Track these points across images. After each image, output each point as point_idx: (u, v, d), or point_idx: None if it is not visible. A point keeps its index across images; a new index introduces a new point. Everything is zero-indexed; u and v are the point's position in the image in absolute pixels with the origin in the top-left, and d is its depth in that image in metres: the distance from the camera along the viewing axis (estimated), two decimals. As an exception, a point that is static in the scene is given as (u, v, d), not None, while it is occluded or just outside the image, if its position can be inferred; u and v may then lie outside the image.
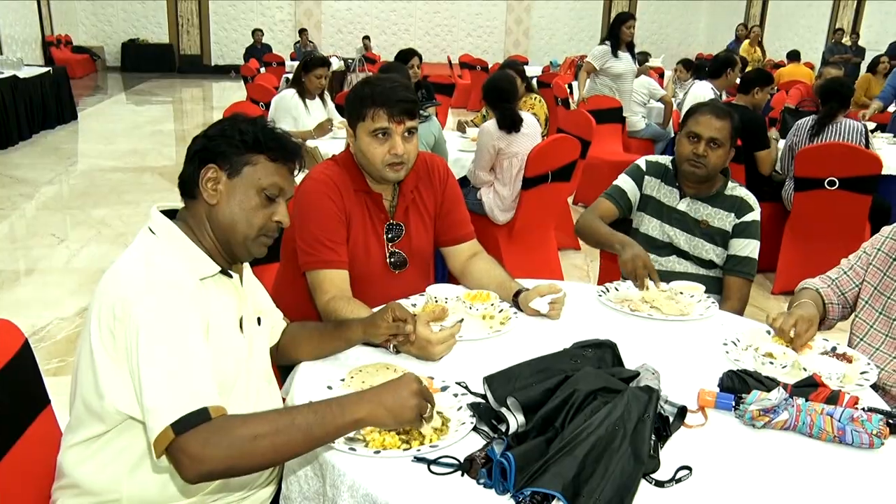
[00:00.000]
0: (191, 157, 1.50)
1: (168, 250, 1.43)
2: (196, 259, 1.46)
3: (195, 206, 1.51)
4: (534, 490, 1.19)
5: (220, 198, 1.48)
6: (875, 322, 1.99)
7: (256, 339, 1.59)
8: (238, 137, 1.48)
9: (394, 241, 2.18)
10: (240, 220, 1.49)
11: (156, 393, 1.25)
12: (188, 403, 1.24)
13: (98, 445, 1.42)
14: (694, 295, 2.21)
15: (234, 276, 1.53)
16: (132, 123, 10.61)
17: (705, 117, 2.50)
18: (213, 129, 1.51)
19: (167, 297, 1.33)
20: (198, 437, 1.22)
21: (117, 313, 1.31)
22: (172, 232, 1.47)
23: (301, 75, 5.20)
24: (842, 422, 1.44)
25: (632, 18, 6.40)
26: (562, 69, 13.07)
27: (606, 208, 2.69)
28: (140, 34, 17.79)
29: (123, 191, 6.71)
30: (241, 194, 1.48)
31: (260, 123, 1.52)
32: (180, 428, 1.22)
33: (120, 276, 1.37)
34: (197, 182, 1.48)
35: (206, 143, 1.49)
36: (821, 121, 4.53)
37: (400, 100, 1.99)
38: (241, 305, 1.54)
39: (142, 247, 1.44)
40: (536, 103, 5.11)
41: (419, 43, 18.24)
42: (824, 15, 15.61)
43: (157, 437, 1.23)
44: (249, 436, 1.23)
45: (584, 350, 1.61)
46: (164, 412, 1.23)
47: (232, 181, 1.48)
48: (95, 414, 1.39)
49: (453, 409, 1.49)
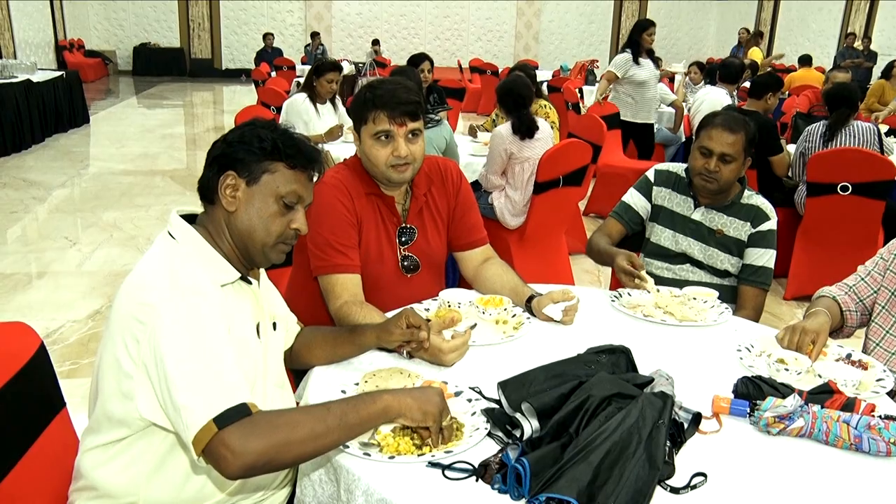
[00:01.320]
0: (210, 163, 1.50)
1: (189, 256, 1.43)
2: (216, 265, 1.46)
3: (214, 212, 1.51)
4: (549, 496, 1.18)
5: (238, 205, 1.48)
6: (892, 327, 1.98)
7: (272, 344, 1.60)
8: (257, 144, 1.48)
9: (406, 244, 2.18)
10: (258, 227, 1.49)
11: (191, 391, 1.25)
12: (228, 398, 1.25)
13: (118, 449, 1.42)
14: (707, 301, 2.20)
15: (252, 283, 1.54)
16: (143, 127, 10.67)
17: (717, 131, 2.45)
18: (233, 135, 1.51)
19: (191, 301, 1.33)
20: (240, 430, 1.22)
21: (141, 318, 1.31)
22: (193, 238, 1.47)
23: (312, 80, 5.22)
24: (858, 429, 1.44)
25: (652, 26, 6.33)
26: (572, 73, 13.07)
27: (612, 226, 2.68)
28: (151, 38, 17.90)
29: (135, 194, 6.74)
30: (260, 202, 1.48)
31: (279, 129, 1.51)
32: (223, 422, 1.22)
33: (142, 282, 1.37)
34: (216, 188, 1.48)
35: (225, 149, 1.49)
36: (832, 126, 4.52)
37: (401, 102, 1.99)
38: (258, 311, 1.55)
39: (163, 252, 1.44)
40: (549, 110, 5.10)
41: (429, 47, 18.27)
42: (836, 19, 15.55)
43: (198, 432, 1.22)
44: (289, 426, 1.25)
45: (598, 355, 1.60)
46: (203, 408, 1.23)
47: (250, 188, 1.48)
48: (117, 419, 1.39)
49: (467, 415, 1.49)
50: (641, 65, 6.34)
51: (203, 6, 17.74)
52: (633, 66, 6.32)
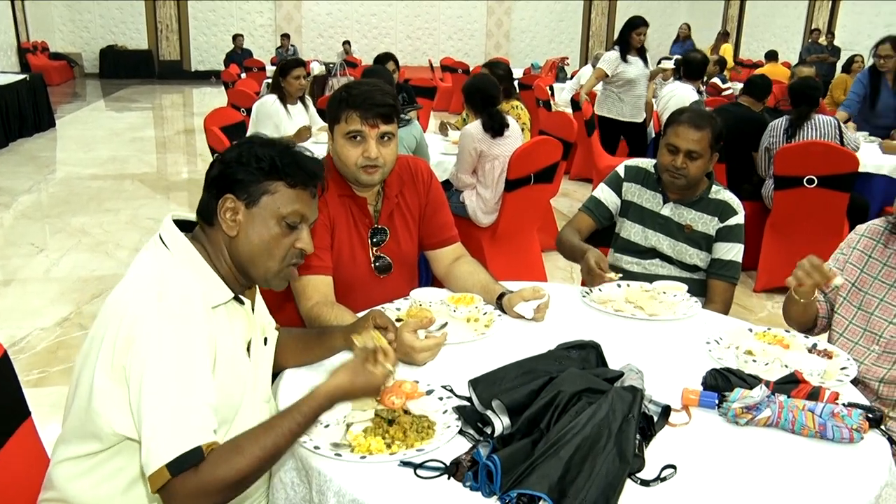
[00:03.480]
0: (208, 185, 1.44)
1: (182, 271, 1.37)
2: (210, 284, 1.41)
3: (214, 234, 1.44)
4: (520, 492, 1.19)
5: (239, 229, 1.42)
6: (854, 318, 2.02)
7: (262, 361, 1.57)
8: (255, 164, 1.40)
9: (378, 245, 2.18)
10: (261, 252, 1.43)
11: (154, 429, 1.24)
12: (184, 442, 1.23)
13: (93, 463, 1.39)
14: (677, 294, 2.22)
15: (246, 303, 1.49)
16: (111, 130, 10.53)
17: (683, 128, 2.47)
18: (230, 154, 1.44)
19: (176, 325, 1.29)
20: (190, 480, 1.22)
21: (125, 333, 1.28)
22: (188, 251, 1.41)
23: (279, 81, 5.19)
24: (823, 417, 1.46)
25: (643, 25, 6.30)
26: (543, 71, 13.12)
27: (582, 221, 2.69)
28: (118, 40, 17.65)
29: (104, 199, 6.65)
30: (261, 225, 1.42)
31: (278, 146, 1.45)
32: (175, 469, 1.21)
33: (131, 294, 1.34)
34: (215, 212, 1.42)
35: (222, 170, 1.42)
36: (794, 122, 4.61)
37: (375, 103, 1.99)
38: (249, 329, 1.51)
39: (155, 263, 1.39)
40: (521, 111, 5.11)
41: (400, 46, 18.24)
42: (800, 15, 15.78)
43: (151, 475, 1.22)
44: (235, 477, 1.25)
45: (568, 351, 1.61)
46: (160, 451, 1.22)
47: (250, 211, 1.41)
48: (91, 432, 1.36)
49: (439, 413, 1.49)
50: (630, 62, 6.32)
51: (171, 7, 17.54)
52: (622, 64, 6.32)
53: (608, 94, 6.52)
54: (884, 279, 1.99)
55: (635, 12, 7.17)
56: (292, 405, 1.36)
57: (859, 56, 9.19)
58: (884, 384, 1.90)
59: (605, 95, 6.57)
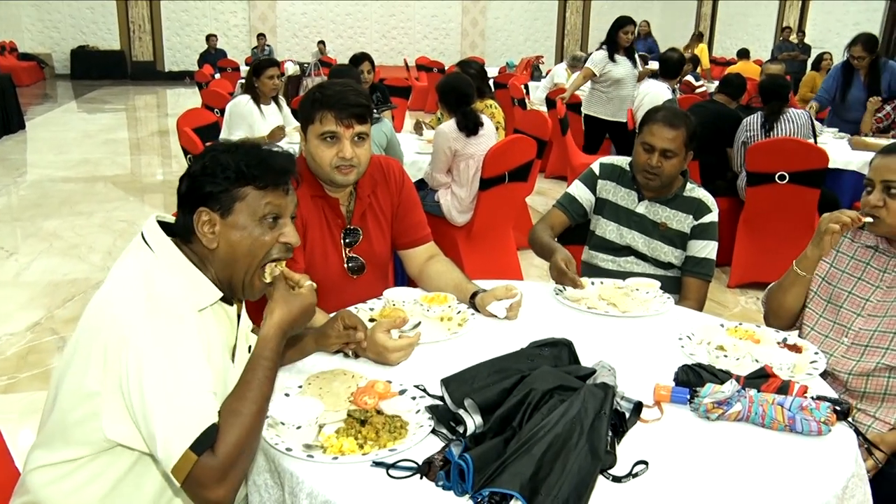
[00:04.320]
0: (180, 203, 1.42)
1: (167, 274, 1.36)
2: (197, 285, 1.39)
3: (195, 249, 1.43)
4: (492, 490, 1.19)
5: (218, 240, 1.40)
6: (823, 311, 2.04)
7: None
8: (221, 174, 1.39)
9: (351, 246, 2.17)
10: (243, 255, 1.42)
11: (166, 420, 1.23)
12: (200, 423, 1.24)
13: (72, 468, 1.37)
14: (650, 291, 2.24)
15: (234, 306, 1.49)
16: (84, 132, 10.41)
17: (658, 126, 2.49)
18: (195, 167, 1.42)
19: (167, 323, 1.29)
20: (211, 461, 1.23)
21: (115, 336, 1.27)
22: (173, 254, 1.40)
23: (253, 81, 5.16)
24: (792, 411, 1.48)
25: (629, 23, 6.30)
26: (518, 70, 13.15)
27: (556, 217, 2.70)
28: (90, 40, 17.43)
29: (76, 201, 6.57)
30: (239, 231, 1.40)
31: (241, 149, 1.43)
32: (199, 449, 1.22)
33: (117, 297, 1.32)
34: (190, 228, 1.40)
35: (190, 185, 1.41)
36: (769, 117, 4.69)
37: (349, 104, 1.99)
38: (234, 336, 1.51)
39: (139, 266, 1.37)
40: (494, 110, 5.12)
41: (375, 46, 18.20)
42: (772, 14, 15.97)
43: (177, 462, 1.22)
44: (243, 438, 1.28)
45: (540, 349, 1.62)
46: (179, 437, 1.22)
47: (226, 221, 1.40)
48: (76, 438, 1.34)
49: (412, 413, 1.49)
50: (618, 62, 6.31)
51: (143, 7, 17.34)
52: (610, 63, 6.32)
53: (595, 93, 6.52)
54: (851, 272, 2.02)
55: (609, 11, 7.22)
56: (253, 357, 1.40)
57: (828, 54, 9.38)
58: (853, 376, 1.93)
59: (591, 94, 6.57)
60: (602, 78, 6.38)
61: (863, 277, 1.99)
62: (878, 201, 1.88)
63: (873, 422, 1.92)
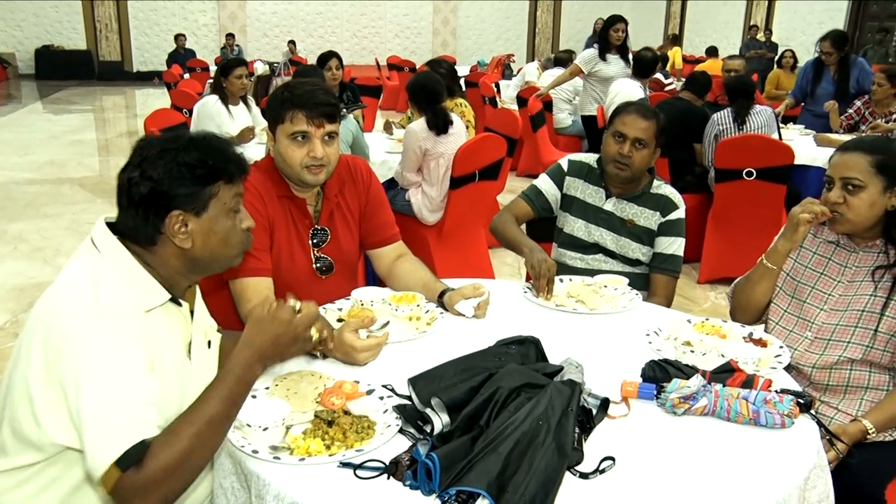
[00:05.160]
0: (136, 205, 1.38)
1: (115, 275, 1.34)
2: (144, 287, 1.38)
3: (159, 250, 1.41)
4: (459, 489, 1.19)
5: (193, 238, 1.40)
6: (788, 306, 2.07)
7: (205, 364, 1.55)
8: (189, 174, 1.38)
9: (319, 246, 2.16)
10: (220, 247, 1.45)
11: (97, 430, 1.22)
12: (129, 438, 1.21)
13: (29, 474, 1.35)
14: (618, 288, 2.25)
15: (184, 305, 1.47)
16: (49, 133, 10.24)
17: (631, 117, 2.51)
18: (153, 170, 1.36)
19: (110, 327, 1.27)
20: (137, 475, 1.20)
21: (58, 339, 1.25)
22: (120, 254, 1.38)
23: (221, 81, 5.11)
24: (756, 404, 1.50)
25: (619, 21, 6.28)
26: (489, 68, 13.18)
27: (521, 208, 2.70)
28: (55, 40, 17.12)
29: (41, 204, 6.46)
30: (216, 227, 1.42)
31: (200, 144, 1.42)
32: (125, 465, 1.20)
33: (62, 301, 1.30)
34: (158, 231, 1.39)
35: (154, 188, 1.36)
36: (739, 113, 4.78)
37: (319, 103, 1.98)
38: (189, 332, 1.49)
39: (86, 267, 1.35)
40: (465, 108, 5.13)
41: (346, 45, 18.14)
42: (740, 13, 16.18)
43: (102, 475, 1.20)
44: (179, 458, 1.23)
45: (507, 347, 1.62)
46: (106, 450, 1.20)
47: (201, 218, 1.40)
48: (30, 443, 1.32)
49: (379, 413, 1.49)
50: (609, 61, 6.30)
51: (110, 6, 17.09)
52: (600, 62, 6.31)
53: (587, 93, 6.52)
54: (814, 267, 2.05)
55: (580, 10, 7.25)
56: (214, 379, 1.35)
57: (790, 51, 9.59)
58: (816, 369, 1.96)
59: (585, 95, 6.57)
60: (592, 77, 6.38)
61: (825, 272, 2.02)
62: (839, 198, 1.91)
63: (836, 413, 1.95)
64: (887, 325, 1.89)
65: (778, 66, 9.64)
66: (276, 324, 1.40)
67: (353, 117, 4.44)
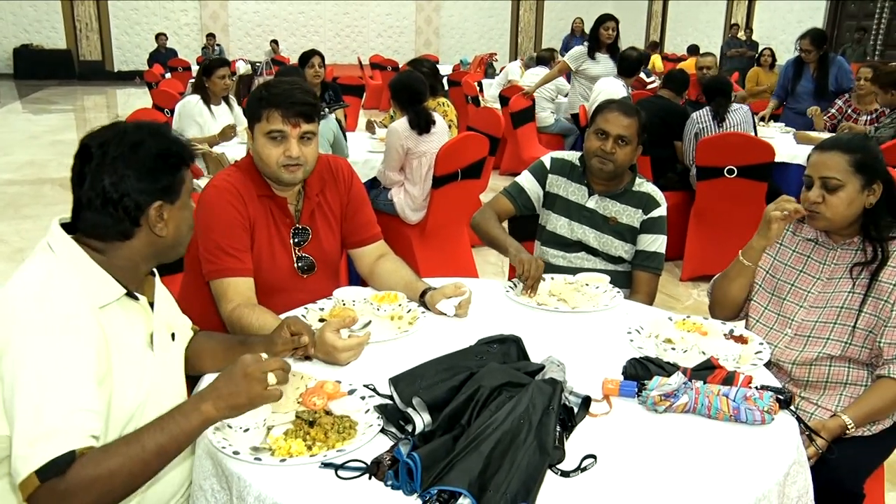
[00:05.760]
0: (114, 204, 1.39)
1: (67, 273, 1.35)
2: (98, 283, 1.38)
3: (130, 243, 1.43)
4: (441, 488, 1.19)
5: (169, 225, 1.45)
6: (768, 304, 2.09)
7: (170, 356, 1.55)
8: (163, 163, 1.42)
9: (300, 245, 2.16)
10: (186, 233, 1.52)
11: (25, 435, 1.21)
12: (55, 447, 1.20)
13: None
14: (599, 286, 2.26)
15: (140, 299, 1.47)
16: (29, 133, 10.13)
17: (613, 115, 2.52)
18: (126, 168, 1.39)
19: (54, 330, 1.27)
20: (56, 484, 1.19)
21: (2, 339, 1.26)
22: (74, 253, 1.38)
23: (203, 81, 5.07)
24: (736, 401, 1.51)
25: (609, 20, 6.25)
26: (471, 67, 13.18)
27: (503, 205, 2.70)
28: (34, 39, 16.93)
29: (21, 205, 6.40)
30: (185, 211, 1.49)
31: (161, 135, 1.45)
32: (44, 476, 1.18)
33: (11, 300, 1.31)
34: (135, 226, 1.41)
35: (134, 186, 1.39)
36: (718, 112, 4.82)
37: (296, 102, 1.97)
38: (151, 324, 1.49)
39: (38, 268, 1.36)
40: (447, 108, 5.13)
41: (329, 44, 18.07)
42: (721, 11, 16.28)
43: (21, 482, 1.19)
44: (105, 476, 1.21)
45: (488, 346, 1.62)
46: (30, 457, 1.19)
47: (175, 205, 1.46)
48: None
49: (361, 412, 1.48)
50: (598, 60, 6.28)
51: (90, 5, 16.92)
52: (588, 60, 6.29)
53: (576, 91, 6.51)
54: (794, 265, 2.06)
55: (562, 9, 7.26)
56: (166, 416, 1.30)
57: (768, 49, 9.73)
58: (796, 366, 1.97)
59: (573, 93, 6.56)
60: (580, 75, 6.37)
61: (805, 270, 2.04)
62: (818, 197, 1.93)
63: (816, 409, 1.97)
64: (865, 321, 1.91)
65: (757, 64, 9.76)
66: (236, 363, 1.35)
67: (334, 116, 4.43)
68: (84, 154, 1.42)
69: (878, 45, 12.83)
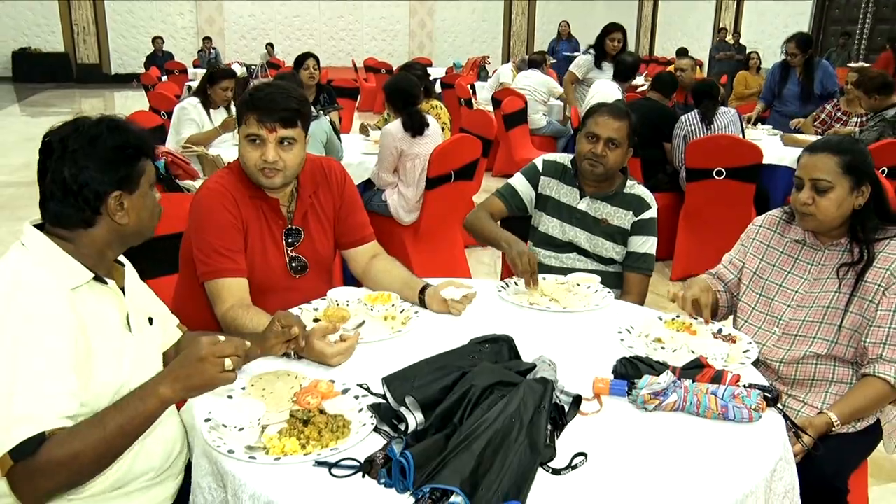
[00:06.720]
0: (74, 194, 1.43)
1: (37, 261, 1.40)
2: (67, 267, 1.43)
3: (92, 231, 1.47)
4: (433, 486, 1.21)
5: (129, 214, 1.49)
6: (756, 304, 2.11)
7: (148, 339, 1.59)
8: (121, 156, 1.46)
9: (293, 245, 2.17)
10: (148, 222, 1.55)
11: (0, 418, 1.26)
12: (27, 428, 1.26)
13: None
14: (591, 286, 2.28)
15: (109, 283, 1.51)
16: (26, 136, 10.09)
17: (604, 118, 2.55)
18: (85, 159, 1.42)
19: (25, 316, 1.32)
20: (29, 463, 1.25)
21: None
22: (42, 242, 1.43)
23: (206, 87, 5.07)
24: (724, 399, 1.53)
25: (616, 31, 6.24)
26: (464, 70, 13.21)
27: (495, 206, 2.73)
28: (32, 42, 16.90)
29: (18, 206, 6.39)
30: (146, 200, 1.53)
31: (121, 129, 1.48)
32: (17, 455, 1.25)
33: None
34: (96, 213, 1.45)
35: (93, 176, 1.43)
36: (707, 114, 4.86)
37: (276, 108, 1.98)
38: (124, 306, 1.54)
39: (10, 261, 1.41)
40: (440, 111, 5.15)
41: (324, 47, 18.08)
42: (710, 15, 16.34)
43: None
44: (72, 455, 1.28)
45: (480, 346, 1.64)
46: (4, 440, 1.25)
47: (133, 195, 1.49)
48: None
49: (354, 412, 1.50)
50: (603, 69, 6.27)
51: (87, 9, 16.89)
52: (594, 69, 6.30)
53: (579, 98, 6.49)
54: (781, 266, 2.09)
55: (554, 11, 7.27)
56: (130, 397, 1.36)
57: (755, 53, 9.81)
58: (783, 364, 2.00)
59: (577, 101, 6.58)
60: (584, 83, 6.36)
61: (792, 271, 2.07)
62: (808, 199, 1.95)
63: (803, 406, 1.99)
64: (850, 320, 1.93)
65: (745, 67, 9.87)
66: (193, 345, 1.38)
67: (328, 118, 4.45)
68: (46, 149, 1.47)
69: (861, 50, 12.94)
